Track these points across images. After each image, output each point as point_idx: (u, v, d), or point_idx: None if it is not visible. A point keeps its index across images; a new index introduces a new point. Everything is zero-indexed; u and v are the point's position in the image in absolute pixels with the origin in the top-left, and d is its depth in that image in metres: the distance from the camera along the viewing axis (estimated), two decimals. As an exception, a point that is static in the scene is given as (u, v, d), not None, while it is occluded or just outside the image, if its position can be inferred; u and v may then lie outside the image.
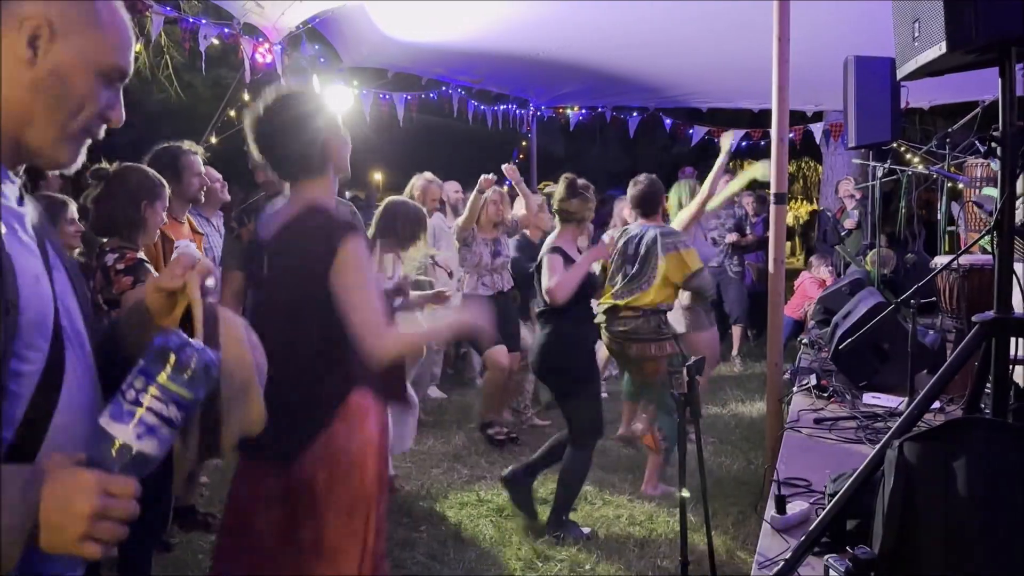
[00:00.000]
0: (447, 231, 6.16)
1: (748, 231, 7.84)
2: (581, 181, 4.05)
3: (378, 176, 17.06)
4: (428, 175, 5.83)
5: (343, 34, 6.48)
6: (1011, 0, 1.69)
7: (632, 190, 4.53)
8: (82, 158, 1.13)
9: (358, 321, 1.98)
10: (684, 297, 5.22)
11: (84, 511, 0.92)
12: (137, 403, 0.97)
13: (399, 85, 8.06)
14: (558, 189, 4.04)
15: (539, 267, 3.97)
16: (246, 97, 6.78)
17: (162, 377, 0.98)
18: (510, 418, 5.66)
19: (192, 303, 1.14)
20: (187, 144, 3.73)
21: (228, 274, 3.49)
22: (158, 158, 3.54)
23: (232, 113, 6.44)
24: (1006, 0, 1.69)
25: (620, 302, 4.32)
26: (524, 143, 10.55)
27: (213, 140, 6.13)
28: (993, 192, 4.05)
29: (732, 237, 7.50)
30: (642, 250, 4.32)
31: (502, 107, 9.39)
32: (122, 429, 0.96)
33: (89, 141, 1.13)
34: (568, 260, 3.88)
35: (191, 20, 5.77)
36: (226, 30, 5.67)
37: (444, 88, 8.36)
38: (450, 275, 5.57)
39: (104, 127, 1.14)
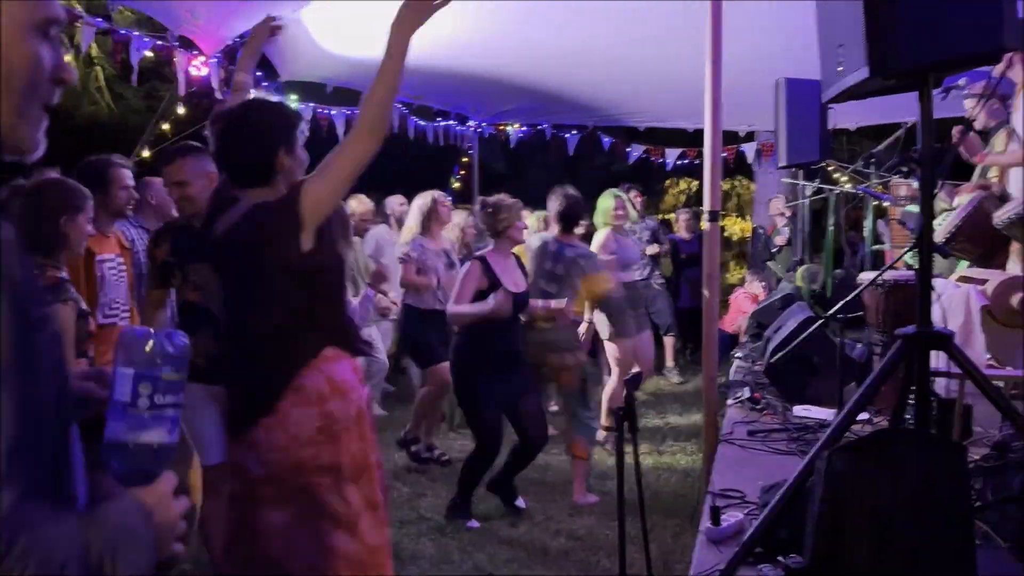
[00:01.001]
0: (391, 243, 6.14)
1: (663, 242, 8.04)
2: (492, 199, 4.24)
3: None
4: (362, 197, 5.86)
5: (280, 47, 6.39)
6: (929, 28, 1.77)
7: (554, 205, 4.62)
8: (44, 144, 1.06)
9: (344, 159, 2.18)
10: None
11: (176, 516, 0.99)
12: (155, 406, 1.02)
13: (339, 99, 7.99)
14: (478, 215, 4.32)
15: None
16: (180, 111, 6.65)
17: (163, 375, 1.03)
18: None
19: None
20: (116, 156, 3.63)
21: (149, 293, 3.44)
22: (84, 170, 3.44)
23: (166, 127, 6.31)
24: (924, 28, 1.77)
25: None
26: (465, 159, 10.58)
27: (145, 154, 5.99)
28: (916, 210, 4.22)
29: (652, 249, 7.66)
30: (559, 271, 4.49)
31: (443, 123, 9.40)
32: (157, 433, 1.02)
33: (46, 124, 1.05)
34: (489, 272, 4.07)
35: (123, 32, 5.64)
36: (159, 42, 5.55)
37: (384, 104, 8.33)
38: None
39: (59, 91, 1.04)
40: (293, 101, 7.32)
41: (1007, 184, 3.88)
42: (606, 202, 5.64)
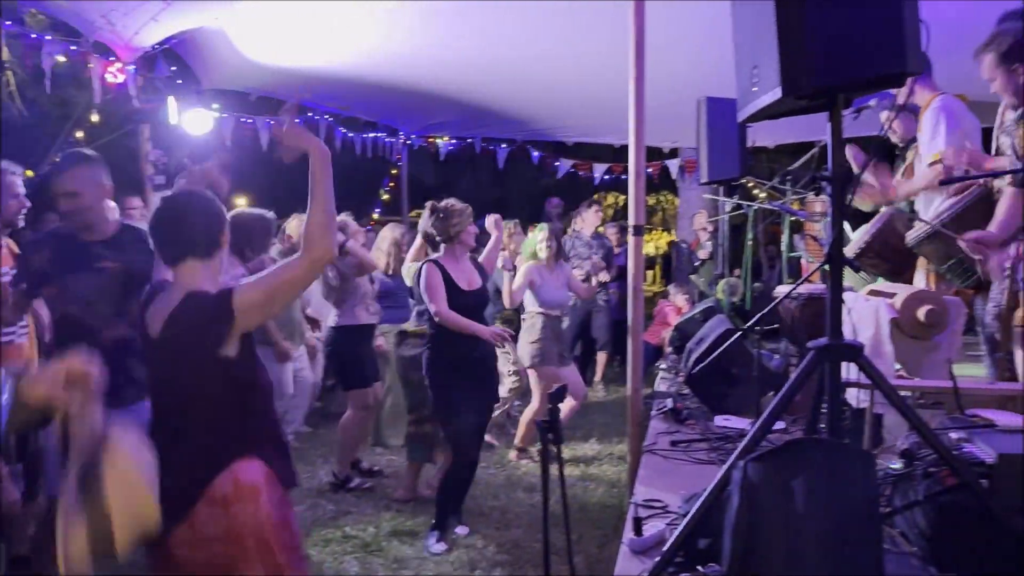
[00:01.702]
0: None
1: (612, 266, 8.09)
2: (442, 204, 4.20)
3: (241, 201, 16.49)
4: (303, 217, 5.74)
5: (202, 56, 6.26)
6: (838, 52, 1.84)
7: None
8: None
9: (284, 279, 2.16)
10: (533, 331, 5.30)
11: None
12: None
13: (263, 109, 7.86)
14: (423, 219, 4.23)
15: (417, 284, 4.14)
16: (95, 118, 6.43)
17: None
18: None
19: (71, 421, 1.12)
20: (4, 163, 3.45)
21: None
22: None
23: (80, 134, 6.08)
24: (834, 51, 1.84)
25: (409, 328, 4.71)
26: (394, 171, 10.52)
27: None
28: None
29: (604, 276, 7.67)
30: None
31: (371, 135, 9.34)
32: None
33: None
34: (446, 275, 4.09)
35: (34, 36, 5.42)
36: (73, 47, 5.36)
37: (311, 114, 8.22)
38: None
39: None
40: (215, 110, 7.16)
41: (919, 204, 4.06)
42: (534, 235, 5.64)
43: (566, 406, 5.24)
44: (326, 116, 8.37)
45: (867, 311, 3.21)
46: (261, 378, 2.29)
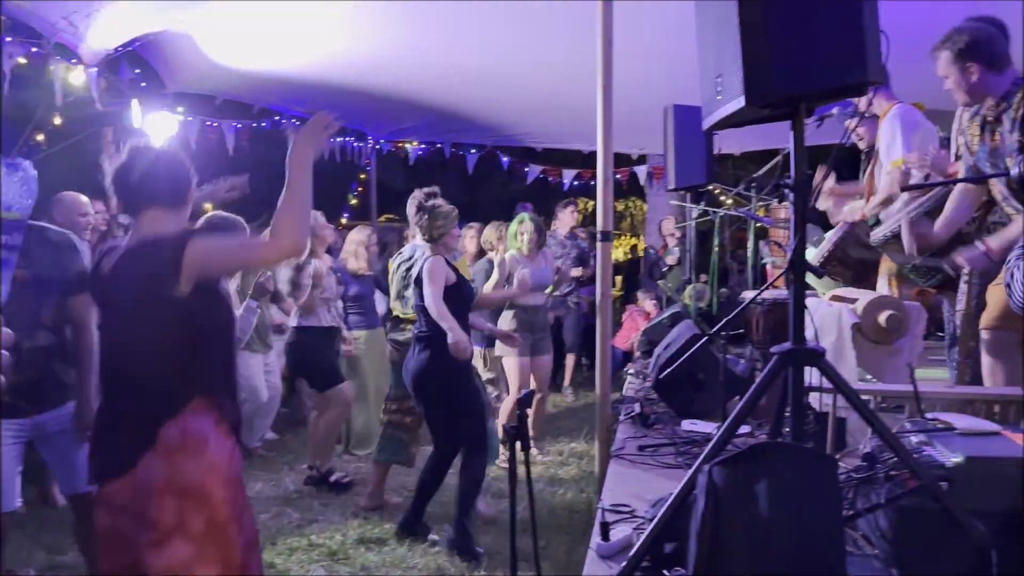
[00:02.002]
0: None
1: (590, 264, 8.09)
2: (429, 203, 4.20)
3: (207, 206, 16.29)
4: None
5: (166, 58, 6.18)
6: (800, 62, 1.88)
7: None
8: None
9: (244, 252, 2.29)
10: (507, 321, 5.37)
11: None
12: None
13: (228, 113, 7.78)
14: (409, 212, 4.24)
15: (418, 281, 4.06)
16: (57, 121, 6.32)
17: None
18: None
19: None
20: None
21: None
22: None
23: (40, 137, 5.97)
24: (796, 61, 1.87)
25: (402, 314, 4.70)
26: (363, 176, 10.46)
27: (17, 164, 5.62)
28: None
29: (577, 271, 7.72)
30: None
31: (339, 139, 9.28)
32: None
33: None
34: (451, 266, 4.13)
35: (-6, 36, 5.30)
36: (34, 49, 5.26)
37: (277, 118, 8.15)
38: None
39: None
40: (180, 113, 7.08)
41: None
42: (511, 227, 5.71)
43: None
44: (293, 120, 8.31)
45: (830, 316, 3.26)
46: (217, 319, 2.26)
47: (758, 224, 4.86)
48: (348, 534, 4.31)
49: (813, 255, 3.95)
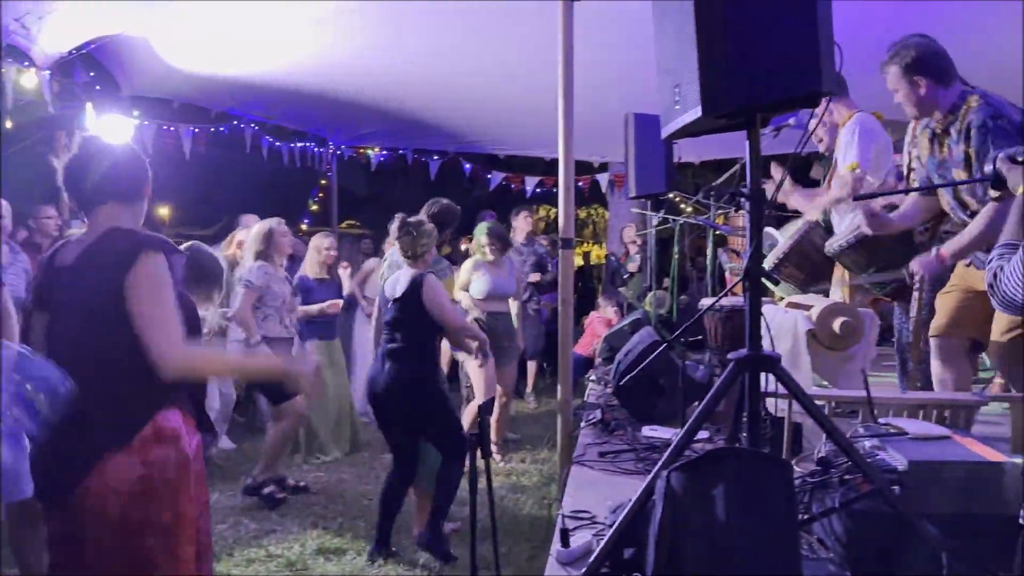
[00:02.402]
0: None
1: (548, 269, 8.12)
2: (413, 220, 4.19)
3: (164, 211, 16.03)
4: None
5: (122, 62, 6.08)
6: (756, 73, 1.91)
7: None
8: None
9: (149, 330, 1.98)
10: None
11: None
12: None
13: (186, 116, 7.66)
14: (392, 231, 4.21)
15: (405, 298, 4.00)
16: (8, 124, 6.17)
17: None
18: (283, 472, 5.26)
19: None
20: None
21: None
22: None
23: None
24: (752, 72, 1.90)
25: None
26: (324, 182, 10.38)
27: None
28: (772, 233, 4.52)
29: (535, 277, 7.75)
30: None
31: (299, 144, 9.20)
32: None
33: None
34: None
35: (-59, 38, 5.17)
36: (-15, 51, 5.13)
37: (236, 122, 8.05)
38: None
39: None
40: (136, 117, 6.96)
41: (833, 216, 4.23)
42: (474, 235, 5.76)
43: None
44: (252, 124, 8.21)
45: (785, 323, 3.32)
46: (185, 320, 2.14)
47: (717, 232, 4.92)
48: (307, 544, 4.25)
49: (768, 257, 4.03)
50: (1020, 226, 1.98)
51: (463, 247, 8.68)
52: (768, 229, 4.56)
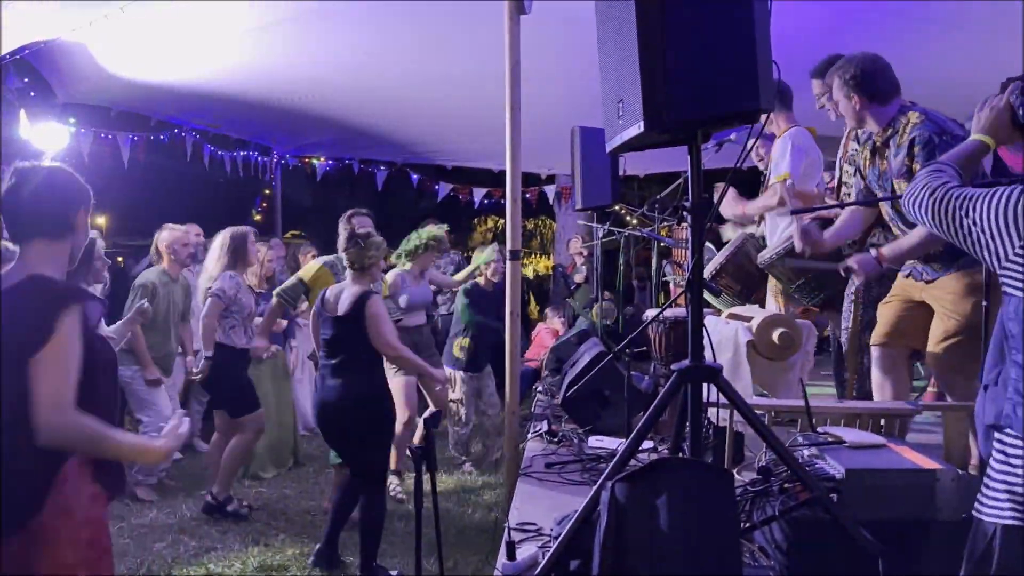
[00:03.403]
0: (189, 279, 5.86)
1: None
2: (362, 231, 4.15)
3: (101, 220, 15.60)
4: (172, 226, 5.49)
5: (59, 68, 5.91)
6: (697, 89, 1.94)
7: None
8: None
9: (40, 391, 1.89)
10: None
11: None
12: None
13: (124, 124, 7.48)
14: (340, 242, 4.16)
15: (349, 316, 3.90)
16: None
17: None
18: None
19: None
20: None
21: None
22: None
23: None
24: (693, 89, 1.94)
25: None
26: (267, 191, 10.23)
27: None
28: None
29: (460, 275, 7.73)
30: None
31: (242, 153, 9.05)
32: None
33: None
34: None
35: None
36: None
37: (177, 130, 7.88)
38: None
39: None
40: (72, 125, 6.77)
41: (765, 226, 4.34)
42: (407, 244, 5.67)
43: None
44: (193, 132, 8.05)
45: (727, 334, 3.37)
46: (99, 364, 2.05)
47: (661, 244, 4.99)
48: (248, 562, 4.16)
49: (705, 268, 4.12)
50: None
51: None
52: (706, 244, 4.66)
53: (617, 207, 5.57)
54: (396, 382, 5.32)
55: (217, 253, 4.98)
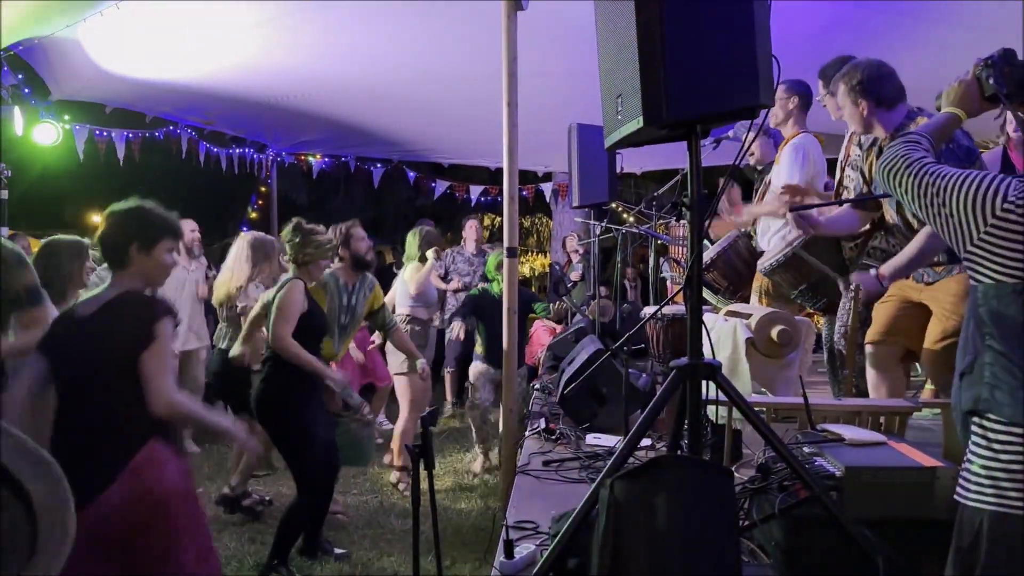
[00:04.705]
0: (181, 274, 5.89)
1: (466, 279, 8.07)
2: (308, 226, 4.10)
3: (96, 219, 15.56)
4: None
5: (52, 65, 5.88)
6: (696, 85, 1.93)
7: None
8: None
9: (157, 386, 2.39)
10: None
11: None
12: None
13: (120, 121, 7.43)
14: (285, 231, 4.09)
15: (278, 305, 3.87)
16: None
17: None
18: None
19: None
20: None
21: None
22: None
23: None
24: (692, 84, 1.93)
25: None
26: (263, 189, 10.19)
27: None
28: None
29: (454, 284, 7.71)
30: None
31: (238, 150, 9.01)
32: None
33: None
34: (307, 295, 3.95)
35: None
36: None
37: (172, 127, 7.85)
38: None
39: None
40: (67, 122, 6.73)
41: (758, 229, 4.34)
42: (412, 239, 5.73)
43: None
44: (188, 130, 8.02)
45: (725, 331, 3.37)
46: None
47: (658, 241, 4.98)
48: (244, 561, 4.14)
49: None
50: None
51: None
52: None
53: (614, 204, 5.56)
54: (401, 382, 5.32)
55: (243, 258, 4.88)
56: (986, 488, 1.58)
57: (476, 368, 5.71)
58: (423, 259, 5.67)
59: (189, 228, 6.23)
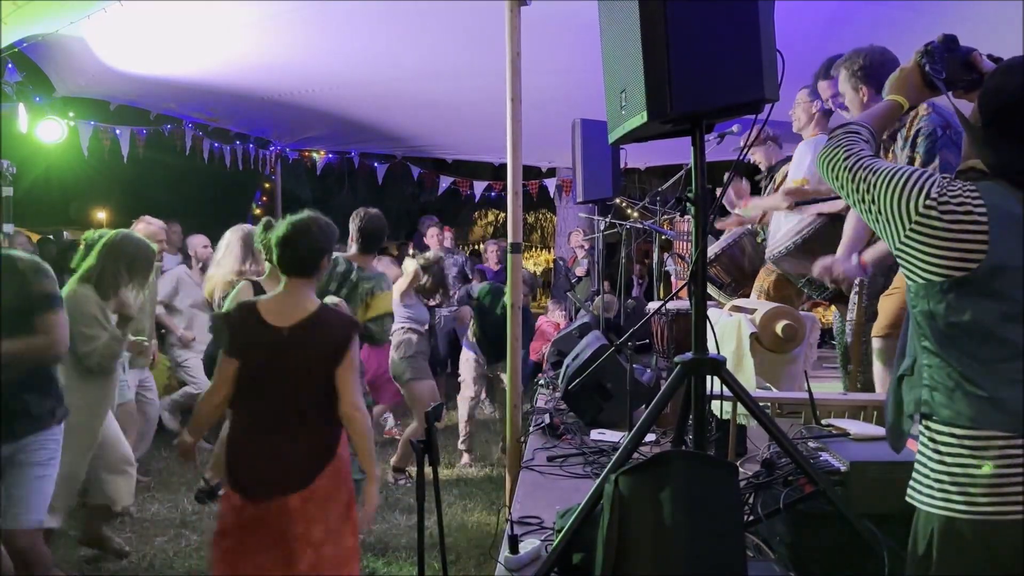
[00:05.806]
0: (190, 283, 5.90)
1: (472, 277, 8.07)
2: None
3: (101, 215, 15.60)
4: (148, 219, 5.42)
5: (57, 62, 5.89)
6: (700, 80, 1.93)
7: (354, 224, 4.40)
8: None
9: (351, 399, 2.67)
10: (409, 346, 5.29)
11: None
12: None
13: (124, 118, 7.45)
14: (257, 230, 4.07)
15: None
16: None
17: None
18: None
19: None
20: None
21: None
22: None
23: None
24: (696, 79, 1.93)
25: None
26: (268, 185, 10.20)
27: None
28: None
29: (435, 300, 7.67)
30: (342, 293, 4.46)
31: (242, 147, 9.02)
32: None
33: None
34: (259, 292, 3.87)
35: None
36: None
37: (176, 124, 7.86)
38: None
39: None
40: (71, 119, 6.74)
41: (768, 223, 4.32)
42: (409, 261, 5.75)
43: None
44: (192, 126, 8.02)
45: (730, 326, 3.36)
46: None
47: (663, 236, 4.97)
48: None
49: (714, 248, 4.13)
50: None
51: (410, 252, 8.60)
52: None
53: (618, 200, 5.55)
54: (410, 389, 5.30)
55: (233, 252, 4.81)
56: (935, 492, 1.55)
57: (466, 358, 5.79)
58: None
59: (201, 244, 6.23)
